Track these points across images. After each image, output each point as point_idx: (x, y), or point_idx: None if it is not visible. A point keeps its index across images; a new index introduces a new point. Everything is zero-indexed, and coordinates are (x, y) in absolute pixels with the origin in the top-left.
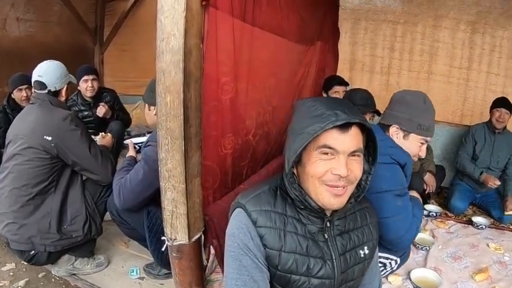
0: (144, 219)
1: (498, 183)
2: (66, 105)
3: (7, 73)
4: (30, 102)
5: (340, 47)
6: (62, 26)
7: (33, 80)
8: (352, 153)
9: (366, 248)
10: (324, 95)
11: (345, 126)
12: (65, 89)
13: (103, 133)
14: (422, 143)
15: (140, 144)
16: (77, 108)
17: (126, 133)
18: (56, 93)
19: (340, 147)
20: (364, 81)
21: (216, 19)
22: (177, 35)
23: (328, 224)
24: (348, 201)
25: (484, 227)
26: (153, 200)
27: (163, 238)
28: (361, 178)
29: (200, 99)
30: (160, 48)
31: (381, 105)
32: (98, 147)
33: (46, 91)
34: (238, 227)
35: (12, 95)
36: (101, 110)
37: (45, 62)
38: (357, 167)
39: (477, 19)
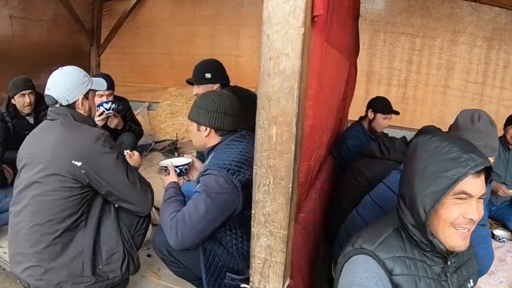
0: (200, 257)
1: (510, 192)
2: (93, 121)
3: None
4: (48, 117)
5: (358, 58)
6: (57, 26)
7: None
8: (480, 196)
9: (471, 281)
10: (371, 114)
11: (479, 171)
12: (80, 101)
13: (128, 151)
14: None
15: (181, 167)
16: None
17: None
18: (72, 107)
19: (475, 192)
20: (381, 93)
21: (314, 37)
22: (291, 56)
23: (449, 263)
24: None
25: (505, 240)
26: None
27: (243, 286)
28: None
29: (303, 131)
30: (266, 69)
31: (398, 118)
32: (136, 172)
33: (58, 105)
34: (367, 276)
35: (12, 101)
36: (112, 121)
37: (57, 71)
38: (482, 209)
39: (493, 35)
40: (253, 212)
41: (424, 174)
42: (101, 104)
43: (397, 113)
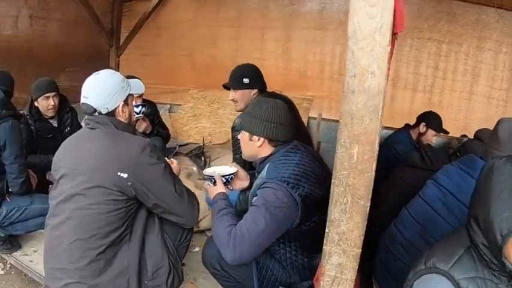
0: (252, 271)
1: None
2: (133, 128)
3: (18, 75)
4: (88, 126)
5: None
6: (77, 26)
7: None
8: None
9: None
10: (423, 128)
11: None
12: (120, 107)
13: (166, 158)
14: None
15: (227, 177)
16: None
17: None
18: (112, 115)
19: None
20: (406, 99)
21: None
22: (377, 74)
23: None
24: None
25: None
26: None
27: None
28: None
29: None
30: (350, 86)
31: None
32: (182, 182)
33: (97, 114)
34: None
35: (35, 103)
36: (141, 125)
37: (92, 76)
38: None
39: None
40: (327, 230)
41: (500, 197)
42: None
43: (447, 133)
